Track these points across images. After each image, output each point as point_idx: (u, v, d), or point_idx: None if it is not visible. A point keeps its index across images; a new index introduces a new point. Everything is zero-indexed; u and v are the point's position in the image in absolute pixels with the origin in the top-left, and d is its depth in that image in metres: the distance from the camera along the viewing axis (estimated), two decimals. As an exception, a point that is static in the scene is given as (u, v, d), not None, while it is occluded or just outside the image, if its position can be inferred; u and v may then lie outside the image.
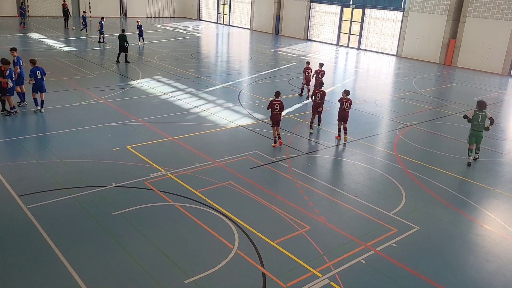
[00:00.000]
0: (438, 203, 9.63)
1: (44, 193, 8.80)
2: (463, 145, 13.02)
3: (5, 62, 13.05)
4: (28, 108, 14.05)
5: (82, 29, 30.75)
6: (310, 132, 13.62)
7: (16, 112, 13.44)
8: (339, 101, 13.05)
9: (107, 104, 15.05)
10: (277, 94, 12.25)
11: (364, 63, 28.37)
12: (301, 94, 18.02)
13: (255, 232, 7.93)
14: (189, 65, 22.88)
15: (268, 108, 12.23)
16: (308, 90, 17.59)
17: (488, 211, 9.50)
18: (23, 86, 14.19)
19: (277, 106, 12.06)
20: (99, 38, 27.40)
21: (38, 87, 13.63)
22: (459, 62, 28.11)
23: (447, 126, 15.46)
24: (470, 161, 11.92)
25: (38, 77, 13.56)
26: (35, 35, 28.87)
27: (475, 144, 11.90)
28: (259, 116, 14.85)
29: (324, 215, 8.73)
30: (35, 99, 13.79)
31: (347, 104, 12.79)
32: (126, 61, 21.98)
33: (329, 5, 35.14)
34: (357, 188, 10.06)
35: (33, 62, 13.72)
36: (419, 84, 21.93)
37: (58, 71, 19.06)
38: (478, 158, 12.28)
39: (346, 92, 12.93)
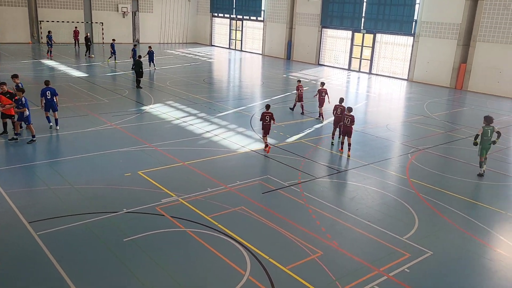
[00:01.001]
0: (451, 228, 9.48)
1: (55, 220, 8.85)
2: (475, 168, 13.02)
3: (20, 89, 13.49)
4: (36, 134, 14.28)
5: (111, 57, 30.45)
6: (332, 144, 14.82)
7: (15, 138, 13.60)
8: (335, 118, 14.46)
9: (119, 129, 15.26)
10: (268, 106, 13.89)
11: (376, 88, 28.44)
12: (292, 109, 19.54)
13: (267, 257, 7.86)
14: (201, 90, 23.19)
15: (260, 119, 13.73)
16: (302, 106, 19.03)
17: (501, 235, 9.34)
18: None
19: (267, 117, 13.56)
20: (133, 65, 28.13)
21: (50, 106, 14.61)
22: (470, 86, 28.03)
23: (459, 150, 15.32)
24: (482, 173, 12.60)
25: (48, 97, 14.51)
26: (48, 62, 29.60)
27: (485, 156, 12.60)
28: (271, 141, 14.89)
29: (337, 240, 8.63)
30: (47, 117, 14.72)
31: (348, 120, 13.47)
32: (138, 87, 22.40)
33: (340, 30, 35.56)
34: (370, 212, 9.95)
35: (46, 83, 14.84)
36: (430, 108, 21.86)
37: (70, 97, 19.43)
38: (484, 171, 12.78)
39: (348, 109, 13.76)
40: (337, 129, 14.71)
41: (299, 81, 19.57)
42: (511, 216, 10.23)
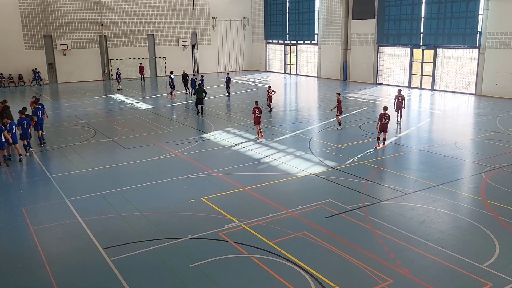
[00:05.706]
0: (539, 254, 8.62)
1: (126, 246, 9.18)
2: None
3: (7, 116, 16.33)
4: (108, 164, 15.05)
5: (190, 92, 30.13)
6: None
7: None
8: (379, 117, 16.11)
9: (182, 157, 15.69)
10: (256, 102, 18.37)
11: (440, 104, 27.22)
12: (270, 111, 23.74)
13: (334, 285, 7.57)
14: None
15: (252, 113, 17.82)
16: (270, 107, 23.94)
17: None
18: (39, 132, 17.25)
19: (257, 111, 17.70)
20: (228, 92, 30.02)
21: (39, 125, 17.35)
22: (547, 97, 26.04)
23: (541, 167, 14.09)
24: None
25: (39, 116, 17.43)
26: (117, 96, 31.40)
27: None
28: (330, 163, 14.61)
29: (408, 268, 8.13)
30: (39, 137, 17.46)
31: (386, 118, 15.97)
32: (200, 114, 23.10)
33: (398, 48, 34.71)
34: (443, 237, 9.33)
35: (35, 102, 17.87)
36: (503, 123, 20.46)
37: (138, 128, 20.39)
38: None
39: (384, 109, 16.45)
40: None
41: (269, 86, 24.08)
42: None
